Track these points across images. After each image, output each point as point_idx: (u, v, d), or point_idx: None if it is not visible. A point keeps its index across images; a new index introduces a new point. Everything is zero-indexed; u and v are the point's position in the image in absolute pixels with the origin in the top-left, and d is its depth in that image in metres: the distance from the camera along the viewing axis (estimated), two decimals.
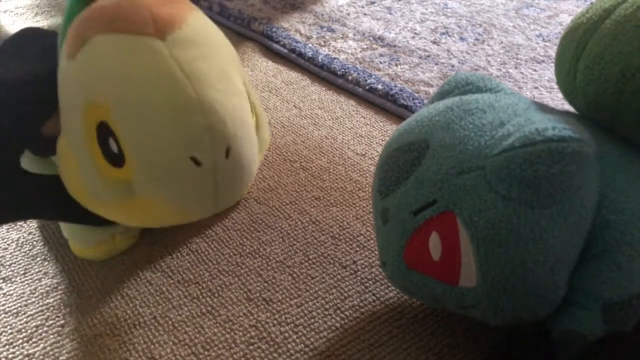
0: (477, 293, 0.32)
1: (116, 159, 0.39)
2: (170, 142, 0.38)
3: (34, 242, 0.49)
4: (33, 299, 0.44)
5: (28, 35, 0.45)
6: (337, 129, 0.65)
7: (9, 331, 0.41)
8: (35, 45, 0.44)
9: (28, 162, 0.44)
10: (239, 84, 0.43)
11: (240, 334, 0.41)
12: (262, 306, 0.43)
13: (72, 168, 0.40)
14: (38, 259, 0.48)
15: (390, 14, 0.96)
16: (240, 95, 0.42)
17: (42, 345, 0.40)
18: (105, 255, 0.47)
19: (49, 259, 0.48)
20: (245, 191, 0.46)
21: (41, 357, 0.40)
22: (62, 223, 0.48)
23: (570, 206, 0.30)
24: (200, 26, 0.41)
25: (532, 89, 0.72)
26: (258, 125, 0.46)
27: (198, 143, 0.38)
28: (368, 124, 0.66)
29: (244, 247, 0.49)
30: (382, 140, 0.63)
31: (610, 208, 0.32)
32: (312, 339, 0.41)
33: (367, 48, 0.83)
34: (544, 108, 0.34)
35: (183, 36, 0.39)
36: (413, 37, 0.87)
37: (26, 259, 0.48)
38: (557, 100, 0.70)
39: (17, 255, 0.48)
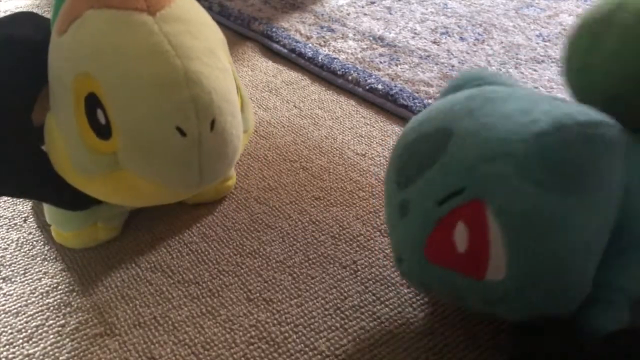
0: (506, 286, 0.30)
1: (103, 131, 0.39)
2: (156, 111, 0.38)
3: (34, 242, 0.49)
4: (33, 299, 0.44)
5: (22, 15, 0.45)
6: (337, 129, 0.65)
7: (9, 331, 0.41)
8: (30, 24, 0.44)
9: None
10: (225, 62, 0.43)
11: (240, 334, 0.41)
12: (262, 306, 0.43)
13: (59, 144, 0.41)
14: (38, 259, 0.48)
15: (390, 14, 0.96)
16: (226, 72, 0.43)
17: (42, 345, 0.40)
18: (86, 244, 0.48)
19: (49, 259, 0.48)
20: (230, 169, 0.46)
21: (41, 357, 0.40)
22: (45, 208, 0.48)
23: (601, 193, 0.29)
24: (189, 6, 0.42)
25: (532, 89, 0.72)
26: (243, 107, 0.47)
27: (183, 113, 0.39)
28: (368, 124, 0.66)
29: (244, 247, 0.49)
30: (382, 140, 0.63)
31: (635, 201, 0.31)
32: (312, 339, 0.41)
33: (367, 48, 0.83)
34: (563, 99, 0.33)
35: (172, 13, 0.40)
36: (413, 37, 0.87)
37: (26, 259, 0.48)
38: None
39: (17, 255, 0.48)
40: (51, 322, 0.42)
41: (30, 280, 0.46)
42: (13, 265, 0.47)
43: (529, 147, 0.29)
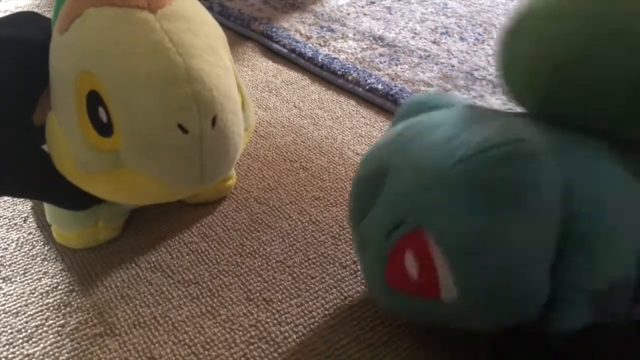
0: (460, 305, 0.32)
1: (105, 129, 0.39)
2: (157, 109, 0.38)
3: (34, 242, 0.49)
4: (33, 299, 0.44)
5: (23, 16, 0.45)
6: (337, 129, 0.65)
7: (9, 331, 0.41)
8: (31, 24, 0.45)
9: None
10: (226, 60, 0.44)
11: (240, 334, 0.41)
12: (262, 306, 0.43)
13: (61, 142, 0.41)
14: (38, 259, 0.48)
15: (390, 14, 0.96)
16: (227, 70, 0.43)
17: (42, 345, 0.40)
18: (87, 244, 0.48)
19: (49, 259, 0.48)
20: (231, 167, 0.46)
21: (41, 357, 0.40)
22: (46, 208, 0.48)
23: (533, 205, 0.30)
24: (189, 4, 0.43)
25: None
26: (244, 106, 0.47)
27: (185, 110, 0.39)
28: (368, 124, 0.66)
29: (244, 247, 0.49)
30: None
31: (580, 200, 0.32)
32: (312, 339, 0.41)
33: (367, 48, 0.83)
34: (492, 115, 0.35)
35: (173, 11, 0.40)
36: (413, 37, 0.87)
37: (26, 259, 0.48)
38: None
39: (17, 255, 0.48)
40: (51, 322, 0.42)
41: (30, 280, 0.46)
42: (13, 265, 0.47)
43: (453, 173, 0.30)
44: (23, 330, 0.42)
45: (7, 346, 0.40)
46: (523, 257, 0.30)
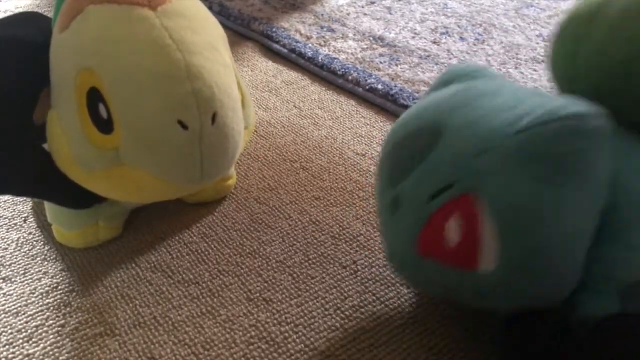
0: (497, 277, 0.31)
1: (105, 126, 0.39)
2: (157, 105, 0.38)
3: (34, 242, 0.49)
4: (33, 299, 0.44)
5: (24, 16, 0.46)
6: (337, 129, 0.65)
7: (9, 331, 0.41)
8: (31, 24, 0.45)
9: None
10: (226, 58, 0.44)
11: (240, 334, 0.41)
12: (262, 306, 0.43)
13: (62, 140, 0.41)
14: (38, 259, 0.48)
15: (390, 14, 0.96)
16: (227, 67, 0.43)
17: (42, 345, 0.40)
18: (87, 243, 0.48)
19: (49, 259, 0.48)
20: (231, 165, 0.46)
21: (41, 357, 0.40)
22: (47, 207, 0.48)
23: (590, 183, 0.30)
24: (189, 2, 0.43)
25: None
26: (244, 104, 0.47)
27: (185, 106, 0.39)
28: (368, 124, 0.66)
29: (244, 247, 0.49)
30: (382, 140, 0.63)
31: (621, 189, 0.32)
32: (312, 339, 0.41)
33: (367, 48, 0.83)
34: (549, 93, 0.34)
35: (173, 8, 0.40)
36: (413, 37, 0.87)
37: (26, 259, 0.48)
38: None
39: (17, 255, 0.48)
40: (51, 322, 0.42)
41: (30, 280, 0.46)
42: (13, 265, 0.47)
43: (516, 141, 0.29)
44: (23, 330, 0.42)
45: (7, 346, 0.40)
46: (574, 234, 0.30)
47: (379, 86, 0.71)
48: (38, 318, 0.42)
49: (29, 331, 0.41)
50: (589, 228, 0.31)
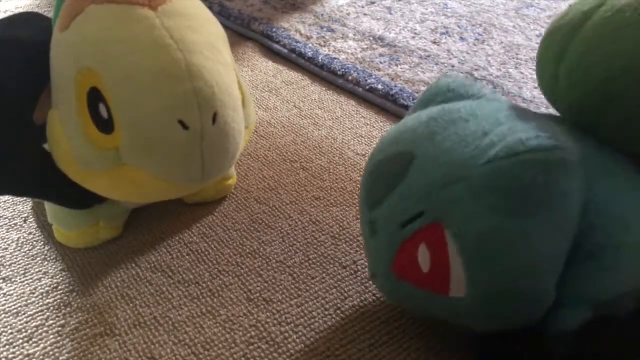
0: (468, 303, 0.32)
1: (106, 125, 0.39)
2: (158, 105, 0.38)
3: (34, 242, 0.50)
4: (33, 299, 0.44)
5: (24, 16, 0.46)
6: (337, 129, 0.65)
7: (9, 331, 0.41)
8: (32, 24, 0.45)
9: None
10: (226, 57, 0.44)
11: (240, 334, 0.41)
12: (262, 306, 0.43)
13: (62, 140, 0.41)
14: (38, 259, 0.48)
15: (390, 14, 0.96)
16: (227, 67, 0.43)
17: (42, 345, 0.40)
18: (88, 243, 0.48)
19: (49, 259, 0.48)
20: (232, 164, 0.46)
21: (41, 357, 0.40)
22: (47, 207, 0.48)
23: (557, 213, 0.30)
24: (189, 2, 0.43)
25: (532, 89, 0.72)
26: (244, 103, 0.47)
27: (186, 106, 0.39)
28: (368, 124, 0.66)
29: (244, 247, 0.49)
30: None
31: (595, 211, 0.32)
32: (312, 339, 0.41)
33: (367, 48, 0.83)
34: (526, 114, 0.34)
35: (173, 8, 0.40)
36: (413, 37, 0.87)
37: (26, 259, 0.48)
38: None
39: (17, 255, 0.48)
40: (51, 322, 0.42)
41: (30, 280, 0.46)
42: (13, 265, 0.47)
43: (483, 172, 0.30)
44: (23, 330, 0.42)
45: (7, 346, 0.40)
46: (541, 264, 0.30)
47: (379, 86, 0.71)
48: (38, 318, 0.42)
49: (29, 331, 0.41)
50: (560, 254, 0.31)
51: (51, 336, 0.41)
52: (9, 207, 0.53)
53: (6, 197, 0.55)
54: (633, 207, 0.33)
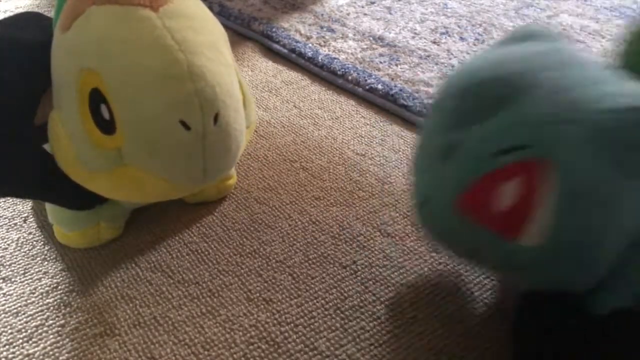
0: (536, 253, 0.30)
1: (107, 126, 0.39)
2: (160, 105, 0.38)
3: (34, 242, 0.49)
4: (33, 299, 0.44)
5: (25, 16, 0.46)
6: (337, 129, 0.65)
7: (9, 331, 0.41)
8: (33, 25, 0.45)
9: None
10: (228, 58, 0.44)
11: (240, 334, 0.41)
12: (262, 306, 0.43)
13: (64, 141, 0.41)
14: (38, 259, 0.48)
15: (390, 14, 0.96)
16: (229, 68, 0.43)
17: (42, 345, 0.40)
18: (88, 243, 0.48)
19: (49, 259, 0.48)
20: (233, 165, 0.46)
21: (41, 357, 0.40)
22: (48, 208, 0.48)
23: None
24: (191, 2, 0.43)
25: None
26: (245, 103, 0.47)
27: (187, 107, 0.39)
28: (368, 124, 0.66)
29: (244, 247, 0.49)
30: (382, 140, 0.63)
31: None
32: (312, 339, 0.41)
33: (367, 48, 0.83)
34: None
35: (175, 9, 0.40)
36: (413, 37, 0.87)
37: (26, 259, 0.48)
38: None
39: (17, 255, 0.48)
40: (51, 322, 0.42)
41: (30, 280, 0.46)
42: (13, 265, 0.47)
43: (605, 119, 0.28)
44: (23, 330, 0.42)
45: (7, 346, 0.40)
46: (626, 229, 0.29)
47: (379, 86, 0.71)
48: (38, 318, 0.42)
49: (29, 331, 0.41)
50: (637, 227, 0.30)
51: (51, 336, 0.41)
52: (9, 207, 0.53)
53: (6, 197, 0.55)
54: None
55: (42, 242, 0.49)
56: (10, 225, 0.51)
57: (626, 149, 0.28)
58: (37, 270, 0.47)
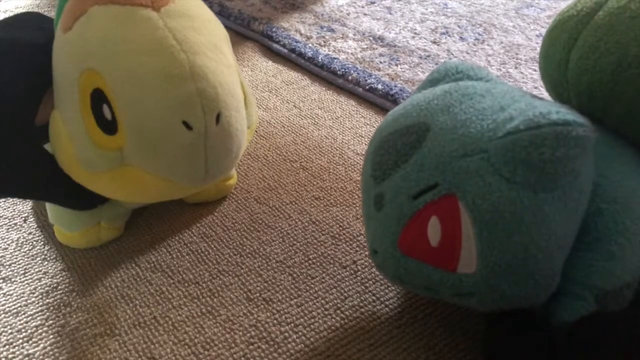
0: (476, 279, 0.31)
1: (109, 126, 0.39)
2: (161, 105, 0.38)
3: (34, 242, 0.49)
4: (33, 299, 0.44)
5: (26, 16, 0.46)
6: (337, 129, 0.65)
7: (9, 331, 0.41)
8: (34, 25, 0.45)
9: None
10: (229, 58, 0.44)
11: (240, 334, 0.41)
12: (262, 306, 0.43)
13: (65, 141, 0.41)
14: (38, 259, 0.48)
15: (390, 14, 0.96)
16: (230, 68, 0.43)
17: (42, 345, 0.40)
18: (89, 244, 0.48)
19: (49, 259, 0.48)
20: (234, 164, 0.46)
21: (41, 357, 0.40)
22: (49, 208, 0.48)
23: (571, 191, 0.30)
24: (192, 2, 0.43)
25: (532, 89, 0.72)
26: (246, 103, 0.47)
27: (189, 107, 0.39)
28: (368, 124, 0.66)
29: (244, 247, 0.49)
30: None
31: (603, 197, 0.32)
32: (312, 339, 0.41)
33: (367, 48, 0.83)
34: (537, 97, 0.34)
35: (176, 9, 0.40)
36: (413, 37, 0.87)
37: (26, 259, 0.48)
38: None
39: (17, 255, 0.48)
40: (51, 322, 0.42)
41: (30, 280, 0.46)
42: (13, 265, 0.47)
43: (502, 144, 0.29)
44: (23, 330, 0.42)
45: (7, 346, 0.40)
46: (553, 240, 0.30)
47: (379, 86, 0.71)
48: (38, 318, 0.42)
49: (29, 331, 0.41)
50: (570, 234, 0.31)
51: (51, 336, 0.41)
52: (9, 207, 0.53)
53: (7, 197, 0.55)
54: (638, 194, 0.33)
55: (42, 242, 0.49)
56: (10, 225, 0.51)
57: (526, 168, 0.29)
58: (37, 270, 0.47)
